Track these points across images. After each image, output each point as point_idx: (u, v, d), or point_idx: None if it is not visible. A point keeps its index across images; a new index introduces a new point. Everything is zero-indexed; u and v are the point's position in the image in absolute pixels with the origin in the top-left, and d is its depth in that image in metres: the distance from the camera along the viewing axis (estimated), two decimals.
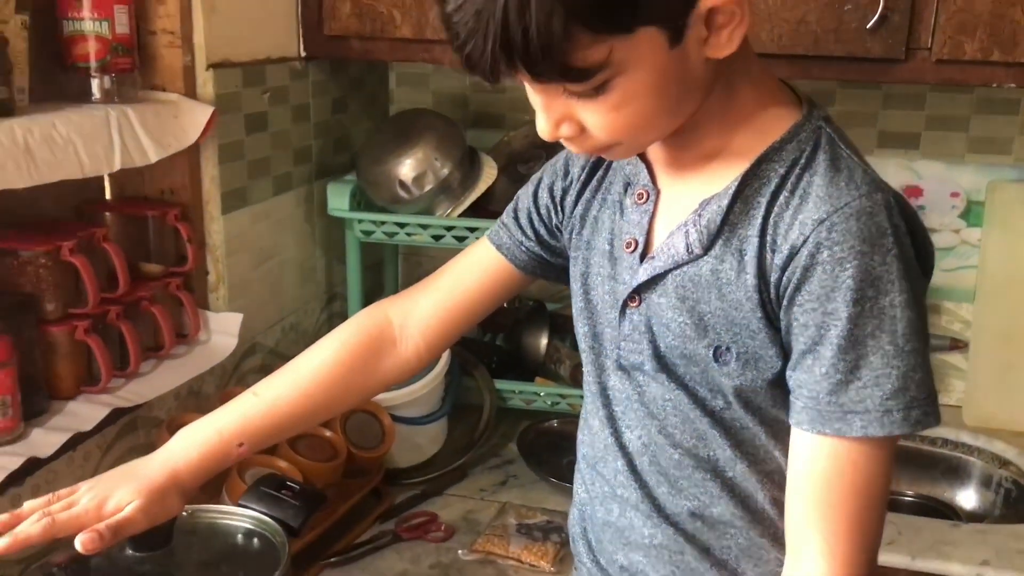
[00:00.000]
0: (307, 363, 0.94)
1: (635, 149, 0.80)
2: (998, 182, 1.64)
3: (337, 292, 1.73)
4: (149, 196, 1.33)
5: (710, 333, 0.77)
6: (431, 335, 0.95)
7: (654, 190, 0.82)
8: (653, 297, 0.79)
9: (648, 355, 0.81)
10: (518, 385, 1.61)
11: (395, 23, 1.45)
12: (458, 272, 0.96)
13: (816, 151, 0.74)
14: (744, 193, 0.75)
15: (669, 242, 0.78)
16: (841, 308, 0.70)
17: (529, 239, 0.93)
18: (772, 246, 0.73)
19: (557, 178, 0.91)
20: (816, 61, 1.34)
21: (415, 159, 1.55)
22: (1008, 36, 1.27)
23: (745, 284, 0.74)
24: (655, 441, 0.82)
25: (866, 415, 0.70)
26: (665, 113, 0.74)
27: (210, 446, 0.88)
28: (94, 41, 1.16)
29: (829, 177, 0.72)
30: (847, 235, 0.70)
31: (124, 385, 1.21)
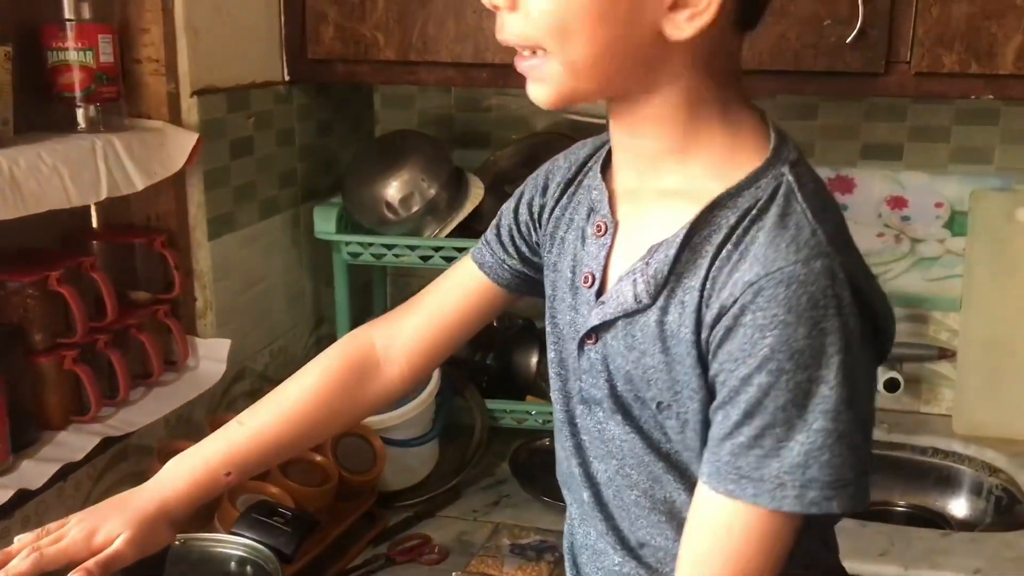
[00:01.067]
0: (292, 390, 0.94)
1: (546, 75, 0.72)
2: (981, 191, 1.65)
3: (325, 315, 1.73)
4: (135, 223, 1.33)
5: (653, 387, 0.75)
6: (416, 358, 0.95)
7: (612, 222, 0.79)
8: (608, 338, 0.77)
9: (605, 393, 0.79)
10: (509, 404, 1.61)
11: (379, 46, 1.46)
12: (442, 293, 0.95)
13: (770, 202, 0.70)
14: (692, 241, 0.72)
15: (618, 288, 0.76)
16: (754, 375, 0.67)
17: (512, 257, 0.92)
18: (707, 301, 0.70)
19: (536, 193, 0.89)
20: (797, 76, 1.36)
21: (401, 180, 1.56)
22: (985, 48, 1.29)
23: (685, 338, 0.72)
24: (614, 479, 0.81)
25: (760, 484, 0.67)
26: (593, 43, 0.69)
27: (198, 476, 0.88)
28: (78, 71, 1.17)
29: (772, 235, 0.68)
30: (772, 302, 0.66)
31: (114, 414, 1.20)
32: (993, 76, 1.31)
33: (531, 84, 0.74)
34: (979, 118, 1.64)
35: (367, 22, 1.45)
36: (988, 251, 1.64)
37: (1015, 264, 1.63)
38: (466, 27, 1.42)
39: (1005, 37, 1.28)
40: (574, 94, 0.73)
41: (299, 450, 0.96)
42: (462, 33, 1.42)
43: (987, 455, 1.62)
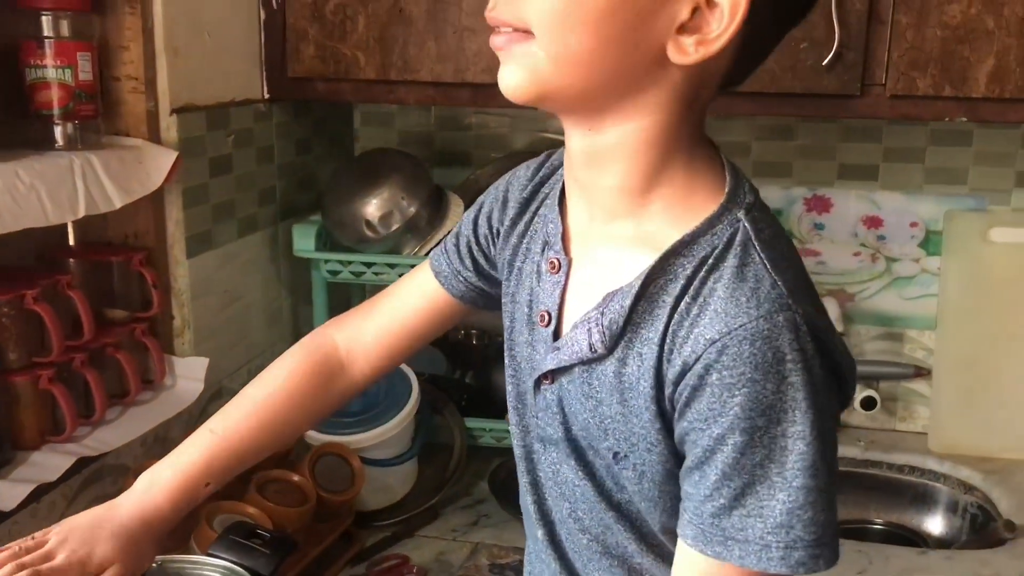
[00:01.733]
0: (261, 393, 0.93)
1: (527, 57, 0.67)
2: (955, 211, 1.67)
3: (304, 333, 1.71)
4: (113, 241, 1.32)
5: (610, 437, 0.73)
6: (375, 359, 0.94)
7: (566, 260, 0.76)
8: (564, 381, 0.75)
9: (560, 436, 0.77)
10: (488, 423, 1.61)
11: (359, 65, 1.46)
12: (401, 297, 0.94)
13: (727, 251, 0.68)
14: (649, 291, 0.69)
15: (573, 335, 0.73)
16: (728, 435, 0.65)
17: (467, 269, 0.90)
18: (668, 356, 0.68)
19: (496, 206, 0.86)
20: (774, 98, 1.37)
21: (381, 199, 1.56)
22: (958, 72, 1.31)
23: (644, 392, 0.70)
24: (566, 521, 0.80)
25: (745, 545, 0.66)
26: (591, 37, 0.65)
27: (178, 491, 0.87)
28: (57, 88, 1.16)
29: (732, 289, 0.66)
30: (738, 360, 0.64)
31: (90, 433, 1.19)
32: (966, 99, 1.33)
33: (507, 66, 0.68)
34: (953, 139, 1.67)
35: (348, 41, 1.45)
36: (963, 270, 1.66)
37: (989, 283, 1.65)
38: (447, 47, 1.43)
39: (978, 61, 1.30)
40: (548, 87, 0.68)
41: (273, 451, 0.96)
42: (443, 53, 1.43)
43: (962, 473, 1.63)
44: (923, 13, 1.30)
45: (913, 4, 1.30)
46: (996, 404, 1.66)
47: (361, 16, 1.44)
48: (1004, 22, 1.28)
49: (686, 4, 0.65)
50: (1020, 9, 1.28)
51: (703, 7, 0.65)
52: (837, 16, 1.30)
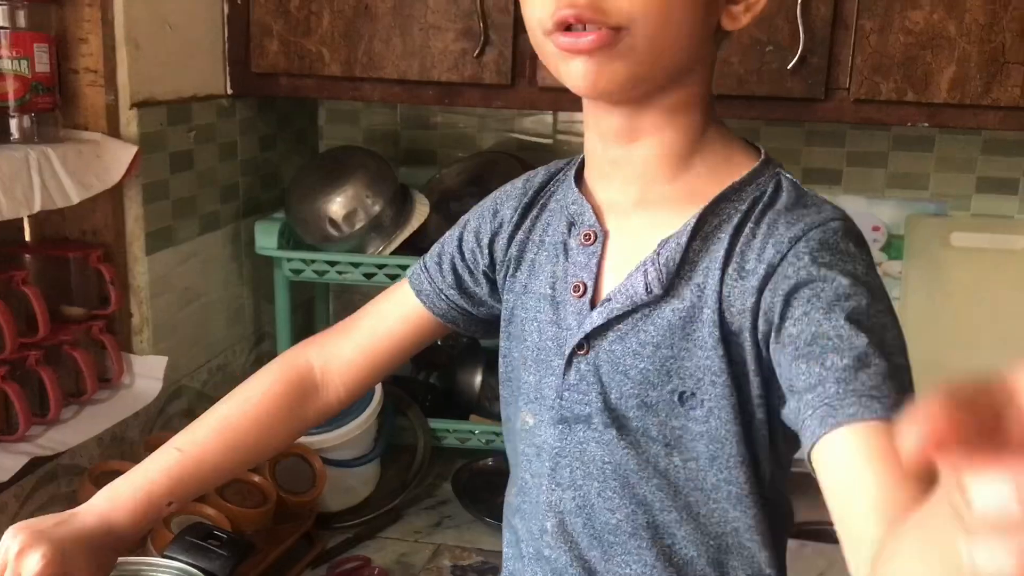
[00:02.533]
0: (232, 412, 0.91)
1: (633, 56, 0.69)
2: (916, 216, 1.69)
3: (266, 332, 1.70)
4: (70, 237, 1.29)
5: (674, 378, 0.73)
6: (351, 380, 0.93)
7: (602, 231, 0.78)
8: (605, 344, 0.76)
9: (597, 407, 0.76)
10: (452, 424, 1.60)
11: (324, 61, 1.45)
12: (378, 316, 0.93)
13: (778, 191, 0.74)
14: (703, 231, 0.73)
15: (627, 283, 0.75)
16: (834, 304, 0.66)
17: (450, 287, 0.90)
18: (740, 273, 0.71)
19: (484, 221, 0.88)
20: (740, 101, 1.37)
21: (345, 197, 1.54)
22: (920, 77, 1.32)
23: (705, 320, 0.72)
24: (591, 503, 0.78)
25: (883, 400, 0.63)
26: (683, 24, 0.69)
27: (139, 508, 0.84)
28: (12, 80, 1.14)
29: (794, 208, 0.72)
30: (825, 246, 0.69)
31: (44, 433, 1.17)
32: (928, 104, 1.34)
33: (596, 63, 0.69)
34: (915, 145, 1.68)
35: (312, 37, 1.44)
36: (924, 275, 1.68)
37: (950, 288, 1.67)
38: (412, 44, 1.42)
39: (939, 67, 1.32)
40: (641, 75, 0.70)
41: (239, 472, 0.94)
42: (408, 50, 1.42)
43: None
44: (886, 19, 1.31)
45: (877, 10, 1.31)
46: None
47: (326, 12, 1.43)
48: (965, 29, 1.30)
49: None
50: (981, 17, 1.29)
51: None
52: (802, 21, 1.31)
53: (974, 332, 1.66)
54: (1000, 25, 1.29)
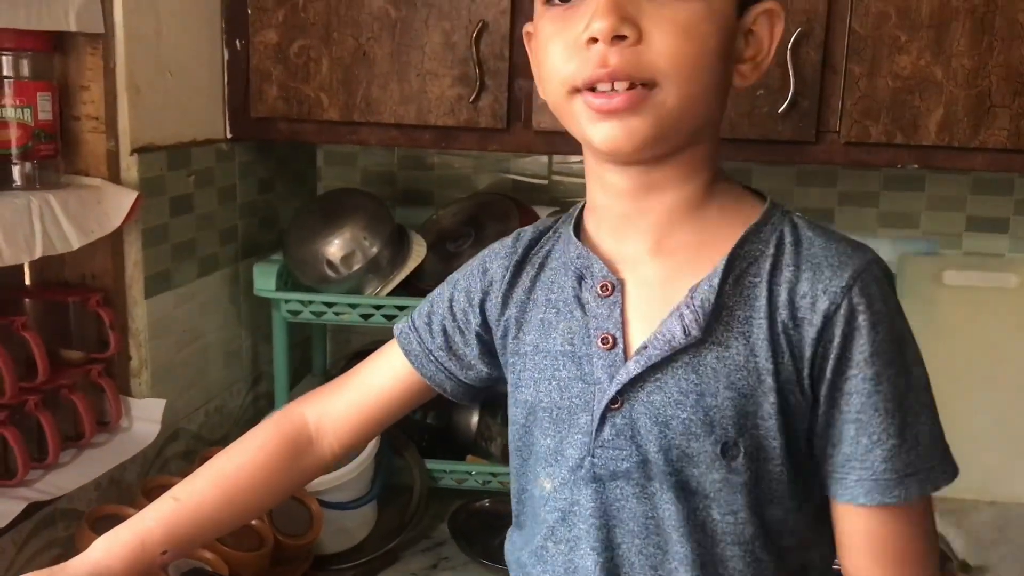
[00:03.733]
0: (229, 465, 0.92)
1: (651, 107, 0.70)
2: (908, 255, 1.71)
3: (263, 372, 1.71)
4: (70, 281, 1.30)
5: (716, 428, 0.73)
6: (344, 436, 0.94)
7: (618, 281, 0.77)
8: (643, 395, 0.74)
9: (635, 461, 0.75)
10: (449, 464, 1.60)
11: (322, 106, 1.47)
12: (370, 375, 0.94)
13: (796, 228, 0.76)
14: (733, 272, 0.74)
15: (663, 329, 0.74)
16: (882, 371, 0.71)
17: (440, 348, 0.90)
18: (794, 321, 0.72)
19: (474, 280, 0.88)
20: (731, 143, 1.39)
21: (343, 239, 1.56)
22: (909, 120, 1.34)
23: (756, 368, 0.72)
24: (632, 562, 0.77)
25: (917, 476, 0.72)
26: (709, 82, 0.72)
27: (134, 557, 0.85)
28: (16, 128, 1.15)
29: (829, 245, 0.74)
30: (874, 299, 0.71)
31: (42, 477, 1.17)
32: (917, 147, 1.36)
33: (626, 121, 0.71)
34: (906, 185, 1.71)
35: (311, 83, 1.46)
36: (917, 313, 1.67)
37: (943, 326, 1.68)
38: (410, 90, 1.44)
39: (927, 110, 1.34)
40: (669, 132, 0.72)
41: (235, 526, 0.94)
42: (406, 96, 1.44)
43: None
44: (875, 63, 1.34)
45: (865, 55, 1.34)
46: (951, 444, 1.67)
47: (325, 58, 1.45)
48: (952, 73, 1.32)
49: (740, 37, 0.75)
50: (967, 62, 1.32)
51: (747, 38, 0.75)
52: (792, 65, 1.33)
53: (967, 370, 1.67)
54: (986, 70, 1.32)
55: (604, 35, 0.69)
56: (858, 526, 0.74)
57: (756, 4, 0.75)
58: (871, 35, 1.33)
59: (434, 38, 1.42)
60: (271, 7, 1.45)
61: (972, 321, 1.67)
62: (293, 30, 1.45)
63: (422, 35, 1.42)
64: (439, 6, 1.41)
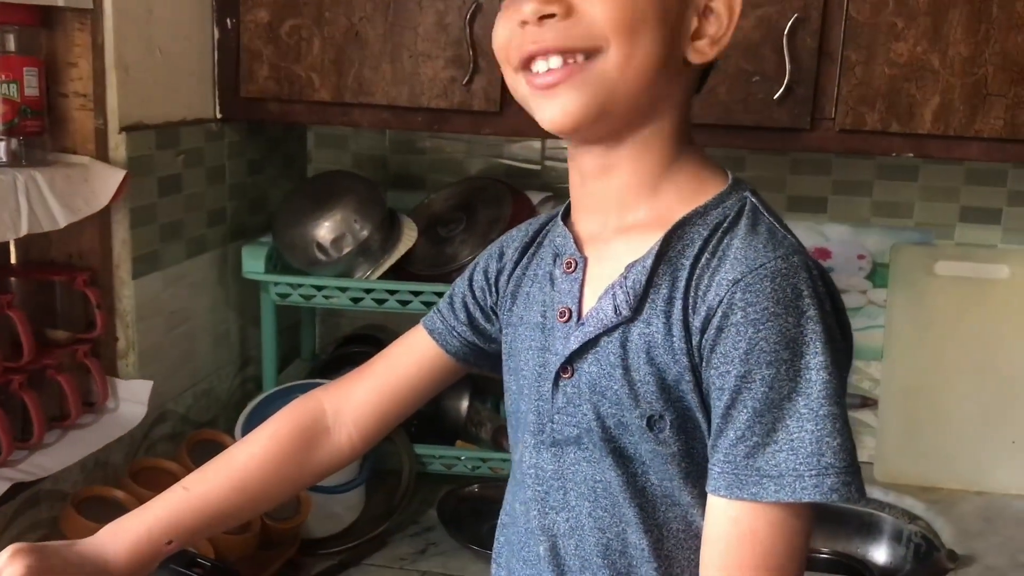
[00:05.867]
0: (240, 455, 0.91)
1: (603, 81, 0.73)
2: (901, 244, 1.70)
3: (251, 356, 1.70)
4: (56, 260, 1.29)
5: (641, 402, 0.75)
6: (365, 424, 0.93)
7: (582, 258, 0.81)
8: (585, 366, 0.78)
9: (583, 428, 0.78)
10: (438, 449, 1.60)
11: (313, 86, 1.45)
12: (392, 359, 0.95)
13: (739, 217, 0.76)
14: (667, 255, 0.75)
15: (598, 306, 0.78)
16: (755, 371, 0.69)
17: (462, 323, 0.93)
18: (693, 307, 0.73)
19: (492, 260, 0.92)
20: (726, 130, 1.39)
21: (334, 221, 1.55)
22: (905, 109, 1.34)
23: (672, 347, 0.74)
24: (582, 524, 0.79)
25: (779, 479, 0.69)
26: (649, 49, 0.72)
27: (141, 546, 0.84)
28: (1, 103, 1.14)
29: (748, 240, 0.73)
30: (760, 296, 0.70)
31: (26, 458, 1.16)
32: (913, 135, 1.36)
33: (565, 96, 0.73)
34: (899, 174, 1.70)
35: (302, 63, 1.44)
36: (908, 303, 1.69)
37: (934, 316, 1.68)
38: (402, 71, 1.42)
39: (924, 99, 1.33)
40: (609, 104, 0.73)
41: (246, 518, 0.93)
42: (398, 77, 1.43)
43: (906, 502, 1.65)
44: (871, 51, 1.33)
45: (862, 42, 1.33)
46: (940, 435, 1.68)
47: (316, 38, 1.43)
48: (949, 62, 1.32)
49: (694, 13, 0.75)
50: (964, 50, 1.31)
51: (705, 15, 0.75)
52: (788, 52, 1.32)
53: (958, 360, 1.67)
54: (983, 58, 1.31)
55: (531, 16, 0.72)
56: (713, 517, 0.73)
57: None
58: (868, 22, 1.32)
59: (427, 19, 1.41)
60: None
61: (964, 311, 1.67)
62: (284, 9, 1.43)
63: (415, 16, 1.41)
64: None
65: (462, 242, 1.62)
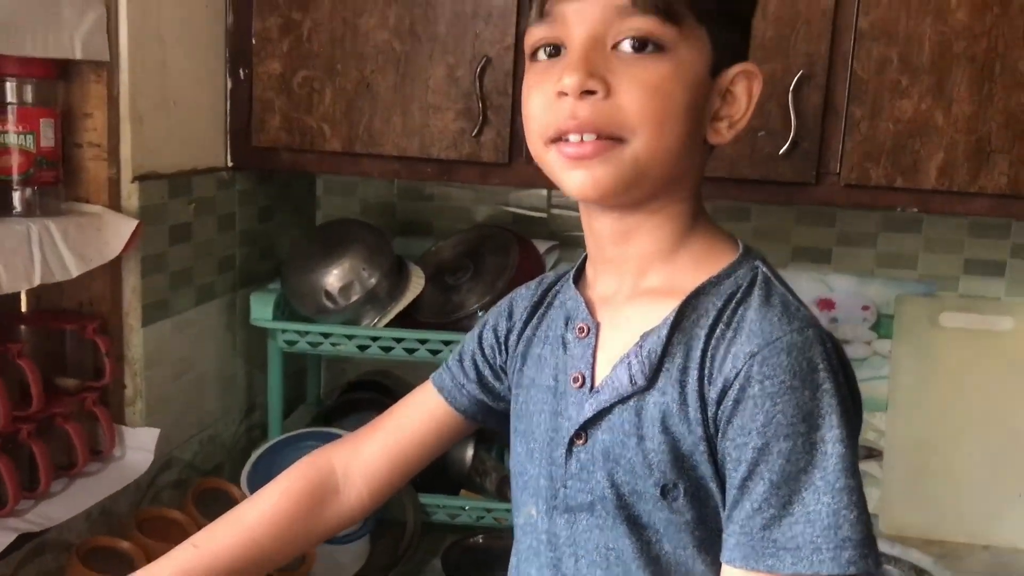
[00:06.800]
0: (250, 512, 0.91)
1: (618, 159, 0.74)
2: (905, 296, 1.71)
3: (257, 402, 1.70)
4: (67, 307, 1.29)
5: (655, 471, 0.75)
6: (374, 481, 0.94)
7: (594, 324, 0.82)
8: (599, 434, 0.78)
9: (597, 495, 0.78)
10: (442, 499, 1.59)
11: (324, 137, 1.47)
12: (401, 417, 0.96)
13: (752, 287, 0.77)
14: (682, 324, 0.76)
15: (613, 375, 0.78)
16: (772, 443, 0.70)
17: (471, 381, 0.94)
18: (709, 379, 0.74)
19: (502, 318, 0.93)
20: (732, 183, 1.40)
21: (342, 269, 1.55)
22: (909, 164, 1.35)
23: (688, 416, 0.74)
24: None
25: (797, 552, 0.69)
26: (676, 137, 0.74)
27: None
28: (18, 154, 1.15)
29: (763, 312, 0.74)
30: (777, 369, 0.70)
31: (33, 507, 1.15)
32: (917, 190, 1.37)
33: (595, 169, 0.74)
34: (903, 226, 1.71)
35: (314, 113, 1.46)
36: (913, 354, 1.69)
37: (939, 367, 1.68)
38: (412, 123, 1.44)
39: (928, 155, 1.35)
40: (637, 181, 0.75)
41: (257, 573, 0.93)
42: (409, 128, 1.44)
43: (913, 555, 1.64)
44: (876, 107, 1.35)
45: (866, 98, 1.35)
46: (946, 487, 1.68)
47: (328, 89, 1.45)
48: (952, 119, 1.33)
49: (716, 96, 0.77)
50: (967, 107, 1.33)
51: (725, 97, 0.78)
52: (794, 107, 1.34)
53: (963, 411, 1.67)
54: (986, 115, 1.33)
55: (573, 90, 0.72)
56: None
57: (732, 65, 0.77)
58: (873, 79, 1.34)
59: (438, 72, 1.43)
60: (276, 37, 1.45)
61: (968, 363, 1.68)
62: (297, 61, 1.45)
63: (426, 69, 1.43)
64: (443, 41, 1.42)
65: (469, 290, 1.63)
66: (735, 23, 0.78)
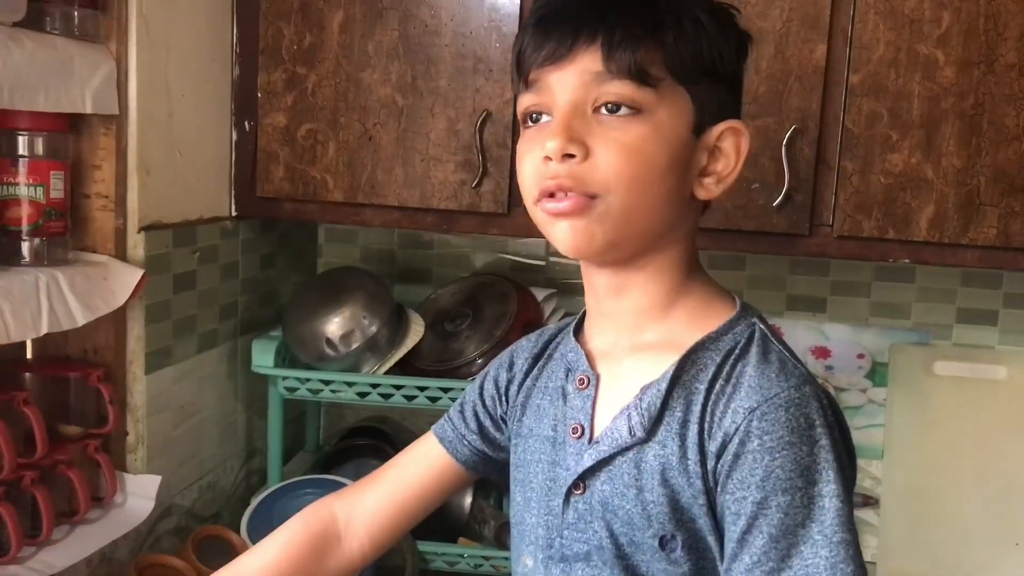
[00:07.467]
0: (252, 562, 0.93)
1: (608, 221, 0.77)
2: (899, 344, 1.73)
3: (257, 448, 1.71)
4: (72, 355, 1.31)
5: (654, 522, 0.77)
6: (375, 531, 0.95)
7: (594, 376, 0.84)
8: (597, 484, 0.80)
9: (594, 544, 0.80)
10: (441, 546, 1.60)
11: (327, 187, 1.50)
12: (403, 467, 0.98)
13: (750, 343, 0.79)
14: (682, 378, 0.78)
15: (612, 426, 0.80)
16: (771, 497, 0.71)
17: (472, 432, 0.96)
18: (709, 433, 0.76)
19: (502, 369, 0.95)
20: (726, 234, 1.43)
21: (343, 317, 1.57)
22: (901, 216, 1.38)
23: (687, 469, 0.76)
24: None
25: None
26: (655, 194, 0.77)
27: None
28: (27, 205, 1.17)
29: (761, 368, 0.76)
30: (776, 425, 0.73)
31: (35, 554, 1.16)
32: (909, 242, 1.39)
33: (574, 225, 0.78)
34: (897, 276, 1.74)
35: (317, 165, 1.49)
36: (908, 402, 1.71)
37: (934, 415, 1.70)
38: (414, 174, 1.47)
39: (919, 207, 1.37)
40: (617, 238, 0.78)
41: None
42: (410, 180, 1.47)
43: None
44: (867, 161, 1.38)
45: (858, 152, 1.38)
46: (943, 534, 1.69)
47: (331, 141, 1.48)
48: (942, 172, 1.36)
49: (703, 153, 0.80)
50: (957, 161, 1.36)
51: (713, 153, 0.80)
52: (787, 160, 1.37)
53: (959, 459, 1.69)
54: (975, 169, 1.36)
55: (554, 154, 0.77)
56: None
57: (719, 122, 0.80)
58: (864, 133, 1.37)
59: (439, 125, 1.46)
60: (281, 91, 1.48)
61: (963, 411, 1.69)
62: (302, 114, 1.48)
63: (427, 122, 1.46)
64: (444, 95, 1.45)
65: (467, 338, 1.65)
66: (718, 82, 0.81)
